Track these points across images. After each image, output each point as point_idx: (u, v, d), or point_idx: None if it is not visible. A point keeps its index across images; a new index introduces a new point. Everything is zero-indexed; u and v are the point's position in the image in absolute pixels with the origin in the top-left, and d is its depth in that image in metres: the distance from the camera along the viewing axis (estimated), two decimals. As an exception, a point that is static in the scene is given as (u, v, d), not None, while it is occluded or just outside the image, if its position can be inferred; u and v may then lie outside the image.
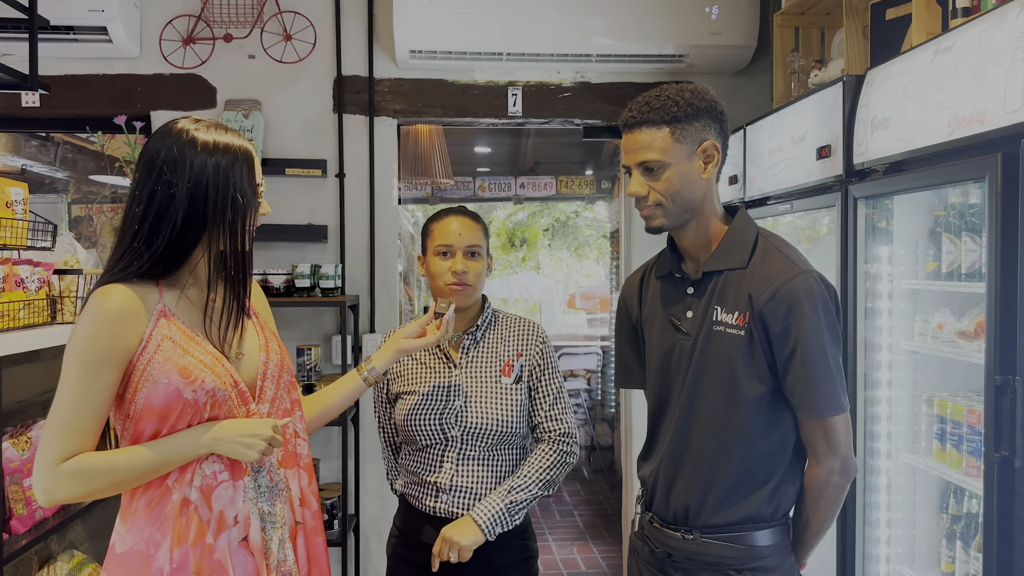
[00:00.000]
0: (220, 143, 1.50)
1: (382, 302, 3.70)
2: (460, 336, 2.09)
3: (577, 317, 10.58)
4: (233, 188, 1.49)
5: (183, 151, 1.47)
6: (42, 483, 1.42)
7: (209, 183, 1.47)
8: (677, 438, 1.69)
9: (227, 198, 1.48)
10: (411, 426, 2.01)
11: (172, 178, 1.46)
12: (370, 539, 3.66)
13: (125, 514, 1.49)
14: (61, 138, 5.63)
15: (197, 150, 1.47)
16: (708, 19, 3.52)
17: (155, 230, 1.46)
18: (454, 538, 1.90)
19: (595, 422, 7.00)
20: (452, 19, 3.46)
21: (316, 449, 3.50)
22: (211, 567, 1.44)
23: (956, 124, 1.80)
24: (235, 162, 1.50)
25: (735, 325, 1.62)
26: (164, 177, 1.46)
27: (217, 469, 1.49)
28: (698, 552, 1.66)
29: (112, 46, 3.45)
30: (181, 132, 1.49)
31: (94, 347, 1.42)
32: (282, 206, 3.57)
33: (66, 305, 2.39)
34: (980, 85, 1.72)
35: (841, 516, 2.27)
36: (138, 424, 1.46)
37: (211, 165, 1.47)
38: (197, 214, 1.47)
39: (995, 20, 1.71)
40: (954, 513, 2.09)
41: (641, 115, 1.64)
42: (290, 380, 1.66)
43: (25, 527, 2.19)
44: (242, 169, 1.51)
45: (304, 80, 3.63)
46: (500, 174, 7.42)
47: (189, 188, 1.46)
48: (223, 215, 1.48)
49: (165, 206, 1.46)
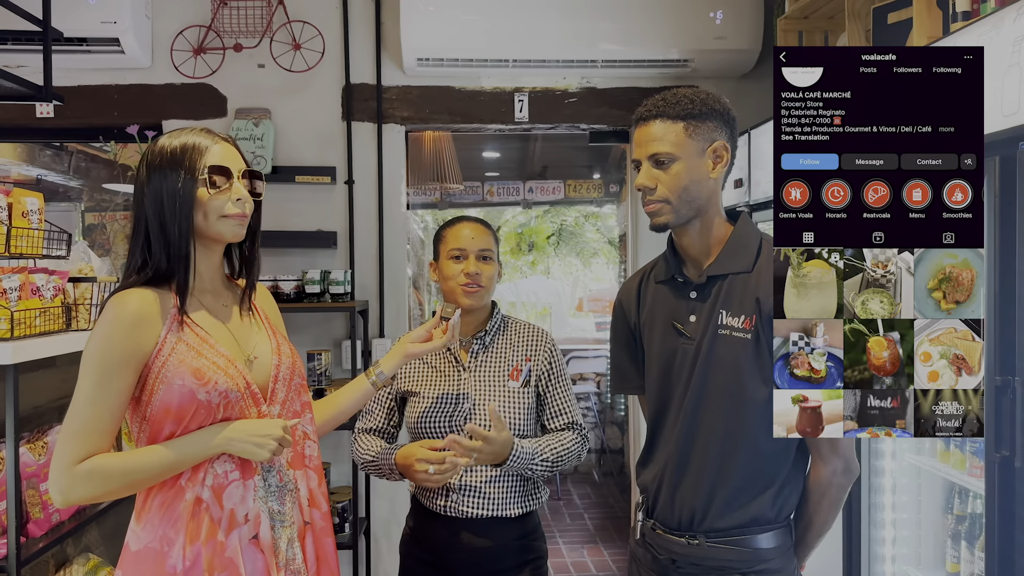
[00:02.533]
0: (165, 146, 1.56)
1: (391, 307, 3.73)
2: (469, 340, 2.12)
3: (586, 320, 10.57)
4: (164, 181, 1.53)
5: (143, 160, 1.56)
6: (58, 484, 1.45)
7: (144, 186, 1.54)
8: (681, 443, 1.68)
9: (157, 192, 1.53)
10: (422, 428, 2.05)
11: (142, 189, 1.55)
12: (380, 542, 3.69)
13: (140, 513, 1.52)
14: (75, 147, 5.70)
15: (149, 157, 1.56)
16: (712, 24, 3.54)
17: (148, 237, 1.54)
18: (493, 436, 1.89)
19: (605, 425, 7.01)
20: (458, 27, 3.50)
21: (326, 453, 3.54)
22: (223, 564, 1.47)
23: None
24: (172, 157, 1.54)
25: (742, 329, 1.63)
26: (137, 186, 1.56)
27: (228, 468, 1.52)
28: (703, 557, 1.66)
29: (124, 57, 3.51)
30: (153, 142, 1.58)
31: (110, 351, 1.46)
32: (292, 213, 3.62)
33: (80, 312, 2.43)
34: (978, 89, 1.74)
35: (846, 517, 2.29)
36: (154, 425, 1.50)
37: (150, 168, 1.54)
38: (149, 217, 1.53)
39: (992, 24, 1.73)
40: (959, 513, 2.11)
41: (657, 109, 1.66)
42: (301, 383, 1.69)
43: (42, 530, 2.23)
44: (180, 162, 1.54)
45: (313, 88, 3.68)
46: (509, 178, 7.45)
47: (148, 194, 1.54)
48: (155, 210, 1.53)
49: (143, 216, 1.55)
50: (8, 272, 2.10)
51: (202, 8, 3.61)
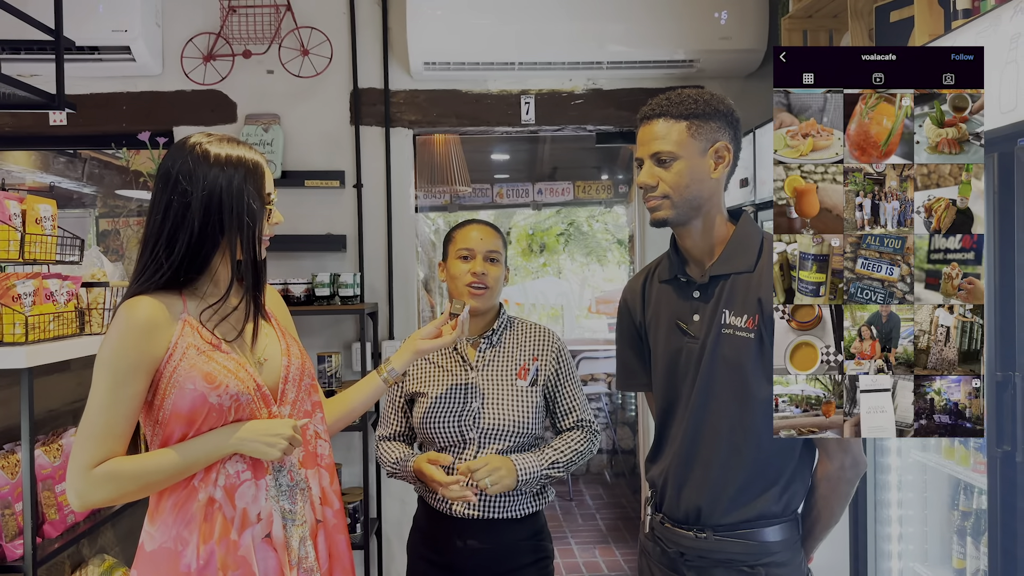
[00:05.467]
0: (232, 156, 1.57)
1: (400, 309, 3.76)
2: (476, 339, 2.15)
3: (597, 321, 10.57)
4: (246, 198, 1.55)
5: (197, 163, 1.54)
6: (75, 487, 1.48)
7: (223, 193, 1.53)
8: (687, 440, 1.69)
9: (240, 207, 1.54)
10: (429, 428, 2.07)
11: (188, 187, 1.53)
12: (392, 542, 3.71)
13: (154, 514, 1.54)
14: (88, 154, 5.77)
15: (210, 162, 1.54)
16: (717, 24, 3.55)
17: (173, 239, 1.53)
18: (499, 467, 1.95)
19: (616, 426, 7.01)
20: (465, 31, 3.53)
21: (338, 454, 3.56)
22: (236, 563, 1.49)
23: (955, 125, 1.83)
24: (246, 174, 1.56)
25: (745, 328, 1.64)
26: (180, 188, 1.53)
27: (240, 468, 1.54)
28: (710, 550, 1.67)
29: (135, 64, 3.56)
30: (195, 146, 1.56)
31: (123, 357, 1.48)
32: (302, 217, 3.66)
33: (94, 317, 2.47)
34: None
35: (853, 514, 2.29)
36: (166, 429, 1.52)
37: (223, 177, 1.54)
38: (211, 223, 1.53)
39: (990, 22, 1.74)
40: (964, 509, 2.11)
41: (660, 108, 1.68)
42: (311, 383, 1.70)
43: (57, 531, 2.26)
44: (252, 180, 1.57)
45: (321, 93, 3.72)
46: (518, 180, 7.46)
47: (204, 197, 1.53)
48: (237, 224, 1.55)
49: (181, 216, 1.53)
50: (22, 277, 2.14)
51: (211, 15, 3.65)
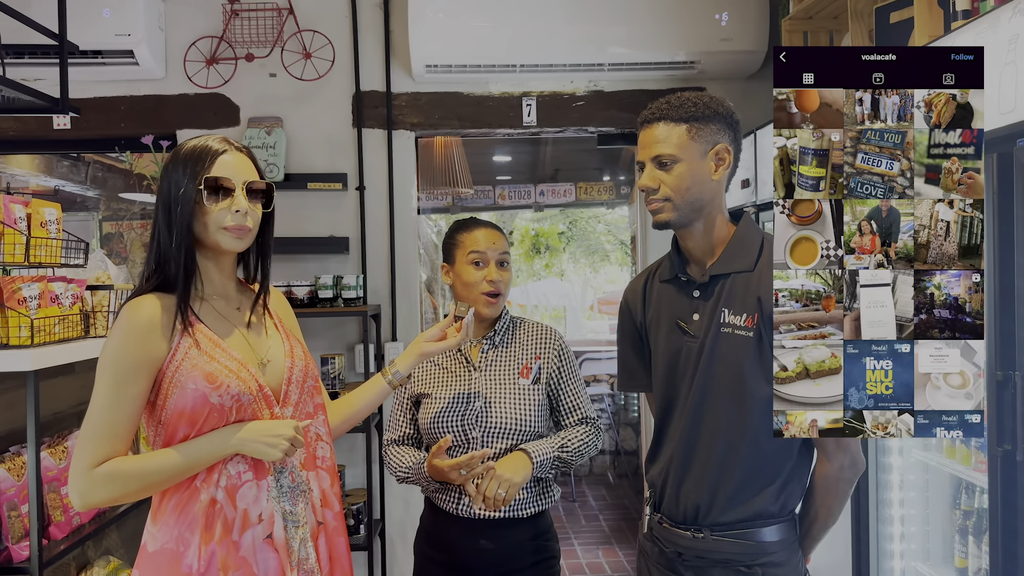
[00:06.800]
0: (186, 147, 1.60)
1: (403, 311, 3.77)
2: (479, 340, 2.16)
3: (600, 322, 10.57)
4: (176, 179, 1.57)
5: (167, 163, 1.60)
6: (77, 487, 1.49)
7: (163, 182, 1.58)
8: (685, 439, 1.70)
9: (168, 189, 1.57)
10: (435, 430, 2.08)
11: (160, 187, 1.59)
12: (395, 543, 3.72)
13: (156, 514, 1.55)
14: (91, 158, 5.80)
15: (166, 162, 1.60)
16: (718, 26, 3.56)
17: (152, 239, 1.59)
18: (507, 475, 1.93)
19: (619, 427, 7.02)
20: (466, 34, 3.54)
21: (341, 456, 3.58)
22: (237, 563, 1.50)
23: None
24: (186, 159, 1.58)
25: (743, 327, 1.65)
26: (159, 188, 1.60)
27: (241, 469, 1.55)
28: (708, 550, 1.68)
29: (139, 68, 3.58)
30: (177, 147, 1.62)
31: (125, 357, 1.49)
32: (305, 219, 3.68)
33: (99, 319, 2.48)
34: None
35: (855, 513, 2.30)
36: (168, 429, 1.53)
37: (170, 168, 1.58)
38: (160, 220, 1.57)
39: (989, 23, 1.74)
40: (966, 508, 2.12)
41: (660, 111, 1.69)
42: (314, 385, 1.71)
43: (63, 533, 2.27)
44: (190, 164, 1.57)
45: (324, 96, 3.73)
46: (520, 182, 7.47)
47: (160, 193, 1.58)
48: (163, 206, 1.57)
49: (155, 216, 1.59)
50: (28, 281, 2.15)
51: (214, 19, 3.67)
